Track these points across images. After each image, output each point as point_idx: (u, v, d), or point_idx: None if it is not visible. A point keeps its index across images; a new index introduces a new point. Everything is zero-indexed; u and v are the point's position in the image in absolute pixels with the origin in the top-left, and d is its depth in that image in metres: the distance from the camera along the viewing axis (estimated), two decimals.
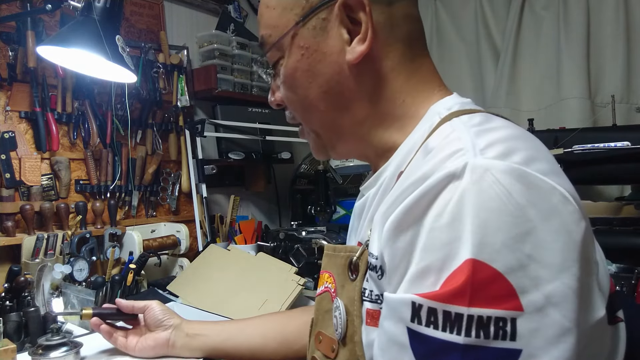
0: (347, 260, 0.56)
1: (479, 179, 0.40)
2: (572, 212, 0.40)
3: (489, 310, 0.38)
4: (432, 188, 0.41)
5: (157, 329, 0.90)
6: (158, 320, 0.90)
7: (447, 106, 0.54)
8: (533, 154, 0.43)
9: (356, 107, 0.58)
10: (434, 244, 0.40)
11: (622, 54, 1.79)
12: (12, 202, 1.35)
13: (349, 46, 0.54)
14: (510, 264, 0.38)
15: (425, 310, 0.40)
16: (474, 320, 0.38)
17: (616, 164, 1.31)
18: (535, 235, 0.39)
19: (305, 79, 0.57)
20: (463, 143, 0.44)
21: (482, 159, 0.41)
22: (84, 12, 1.09)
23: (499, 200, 0.39)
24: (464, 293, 0.38)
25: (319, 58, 0.56)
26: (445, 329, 0.39)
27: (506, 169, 0.40)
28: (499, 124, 0.48)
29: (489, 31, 2.09)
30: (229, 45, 1.94)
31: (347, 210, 2.14)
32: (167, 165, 1.80)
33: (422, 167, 0.45)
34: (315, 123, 0.61)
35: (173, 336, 0.89)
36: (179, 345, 0.89)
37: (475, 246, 0.38)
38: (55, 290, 1.26)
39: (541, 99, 1.93)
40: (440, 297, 0.39)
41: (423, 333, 0.40)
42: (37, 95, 1.42)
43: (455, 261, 0.39)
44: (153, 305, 0.92)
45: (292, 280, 1.38)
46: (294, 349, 0.88)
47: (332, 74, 0.56)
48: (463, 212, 0.39)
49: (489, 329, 0.38)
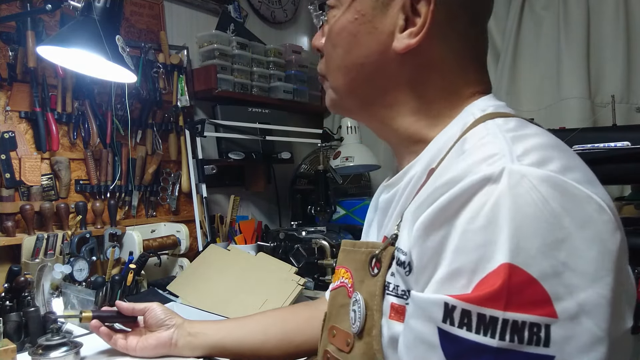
0: (368, 256, 0.56)
1: (516, 185, 0.40)
2: (607, 221, 0.40)
3: (524, 315, 0.38)
4: (467, 190, 0.42)
5: (159, 329, 0.90)
6: (160, 320, 0.90)
7: (482, 107, 0.54)
8: (569, 163, 0.43)
9: (388, 91, 0.57)
10: (467, 246, 0.40)
11: (622, 54, 1.79)
12: (12, 202, 1.35)
13: (400, 33, 0.54)
14: (545, 270, 0.38)
15: (459, 311, 0.40)
16: (508, 324, 0.38)
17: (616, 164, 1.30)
18: (570, 243, 0.39)
19: (349, 43, 0.57)
20: (499, 147, 0.44)
21: (519, 165, 0.41)
22: (84, 12, 1.09)
23: (535, 206, 0.39)
24: (500, 297, 0.38)
25: (369, 30, 0.56)
26: (479, 331, 0.39)
27: (543, 177, 0.41)
28: (533, 131, 0.48)
29: (489, 31, 2.08)
30: (229, 45, 1.94)
31: (347, 210, 2.14)
32: (167, 165, 1.80)
33: (455, 167, 0.45)
34: (341, 85, 0.61)
35: (175, 335, 0.89)
36: (181, 344, 0.89)
37: (512, 251, 0.38)
38: (55, 290, 1.26)
39: (541, 99, 1.93)
40: (475, 299, 0.39)
41: (455, 334, 0.40)
42: (37, 95, 1.42)
43: (489, 264, 0.39)
44: (154, 306, 0.92)
45: (292, 280, 1.38)
46: (294, 343, 0.88)
47: (375, 51, 0.56)
48: (499, 216, 0.40)
49: (523, 334, 0.38)
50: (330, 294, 0.64)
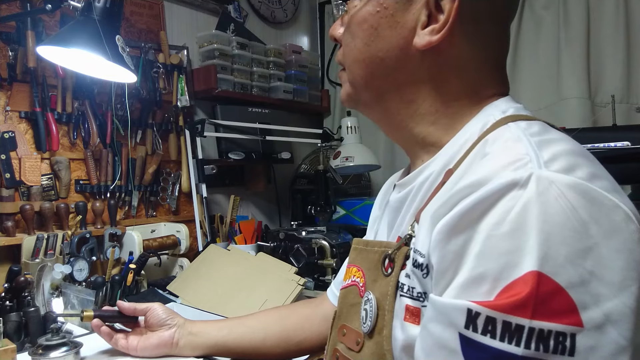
0: (381, 256, 0.55)
1: (544, 191, 0.40)
2: (634, 231, 0.40)
3: (550, 324, 0.37)
4: (492, 194, 0.41)
5: (161, 329, 0.90)
6: (162, 320, 0.90)
7: (502, 109, 0.53)
8: (595, 170, 0.43)
9: (407, 88, 0.56)
10: (492, 252, 0.40)
11: (622, 54, 1.79)
12: (12, 202, 1.35)
13: (421, 30, 0.53)
14: (572, 279, 0.38)
15: (483, 318, 0.39)
16: (534, 333, 0.37)
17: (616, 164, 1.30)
18: (597, 252, 0.38)
19: (369, 35, 0.56)
20: (525, 152, 0.43)
21: (547, 171, 0.41)
22: (84, 12, 1.09)
23: (564, 214, 0.39)
24: (527, 305, 0.38)
25: (391, 24, 0.54)
26: (503, 339, 0.38)
27: (571, 184, 0.40)
28: (558, 135, 0.48)
29: None
30: (229, 45, 1.94)
31: (347, 210, 2.14)
32: (167, 165, 1.80)
33: (478, 169, 0.45)
34: (358, 79, 0.59)
35: (177, 335, 0.89)
36: (182, 343, 0.89)
37: (540, 258, 0.38)
38: (55, 290, 1.26)
39: (541, 99, 1.93)
40: (501, 307, 0.38)
41: (478, 341, 0.39)
42: (37, 95, 1.42)
43: (515, 271, 0.39)
44: (155, 306, 0.92)
45: (292, 280, 1.38)
46: (294, 341, 0.88)
47: (395, 46, 0.55)
48: (527, 223, 0.39)
49: (548, 343, 0.37)
50: (341, 293, 0.64)
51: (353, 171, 2.21)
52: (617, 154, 1.28)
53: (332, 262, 1.63)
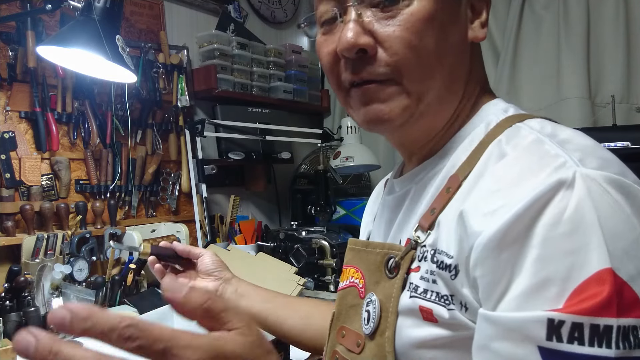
0: (384, 257, 0.54)
1: (591, 188, 0.40)
2: None
3: (630, 319, 0.37)
4: (540, 197, 0.40)
5: (208, 278, 0.87)
6: (210, 270, 0.87)
7: (502, 108, 0.53)
8: (620, 165, 0.44)
9: (457, 86, 0.55)
10: (554, 254, 0.39)
11: (622, 54, 1.79)
12: (12, 202, 1.35)
13: (471, 24, 0.54)
14: (631, 272, 0.38)
15: (569, 326, 0.37)
16: (621, 331, 0.37)
17: None
18: None
19: (439, 32, 0.51)
20: (555, 152, 0.44)
21: (586, 169, 0.41)
22: (84, 12, 1.09)
23: (612, 209, 0.39)
24: (612, 304, 0.37)
25: (452, 20, 0.53)
26: (592, 344, 0.37)
27: (609, 180, 0.41)
28: (570, 132, 0.48)
29: (489, 31, 2.08)
30: (229, 45, 1.94)
31: (347, 210, 2.14)
32: (167, 165, 1.80)
33: (508, 171, 0.44)
34: (432, 86, 0.52)
35: (221, 289, 0.86)
36: (226, 299, 0.85)
37: (607, 255, 0.38)
38: (55, 290, 1.26)
39: (541, 99, 1.93)
40: (586, 310, 0.37)
41: (565, 351, 0.37)
42: (37, 95, 1.42)
43: (585, 271, 0.38)
44: (206, 254, 0.89)
45: (292, 280, 1.38)
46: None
47: (458, 43, 0.54)
48: (585, 220, 0.39)
49: (630, 339, 0.37)
50: (339, 294, 0.63)
51: (353, 171, 2.21)
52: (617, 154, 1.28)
53: (332, 262, 1.63)
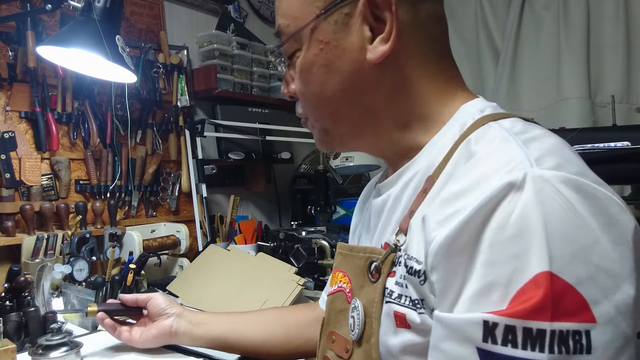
0: (367, 262, 0.54)
1: (540, 190, 0.39)
2: (628, 221, 0.40)
3: (568, 324, 0.37)
4: (490, 200, 0.40)
5: (160, 318, 0.89)
6: (161, 309, 0.89)
7: (479, 108, 0.53)
8: (581, 165, 0.43)
9: (375, 106, 0.56)
10: (499, 258, 0.39)
11: (622, 54, 1.79)
12: (12, 202, 1.35)
13: (370, 45, 0.52)
14: (580, 276, 0.38)
15: (502, 328, 0.38)
16: (555, 335, 0.37)
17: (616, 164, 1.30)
18: (600, 246, 0.38)
19: (323, 75, 0.55)
20: (515, 152, 0.43)
21: (539, 169, 0.40)
22: (84, 12, 1.09)
23: (563, 211, 0.39)
24: (546, 308, 0.37)
25: (339, 54, 0.54)
26: (526, 347, 0.37)
27: (564, 180, 0.40)
28: (540, 131, 0.48)
29: (489, 31, 2.09)
30: (229, 45, 1.94)
31: (347, 210, 2.14)
32: (167, 165, 1.80)
33: (469, 172, 0.44)
34: (328, 119, 0.58)
35: (175, 324, 0.88)
36: (182, 332, 0.88)
37: (548, 258, 0.38)
38: (55, 290, 1.26)
39: (541, 99, 1.93)
40: (519, 313, 0.37)
41: (499, 353, 0.38)
42: (37, 95, 1.42)
43: (525, 274, 0.38)
44: (156, 296, 0.91)
45: (292, 280, 1.38)
46: (295, 344, 0.87)
47: (352, 71, 0.54)
48: (529, 224, 0.38)
49: (568, 344, 0.37)
50: (328, 299, 0.63)
51: (353, 171, 2.21)
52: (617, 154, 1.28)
53: (332, 262, 1.63)
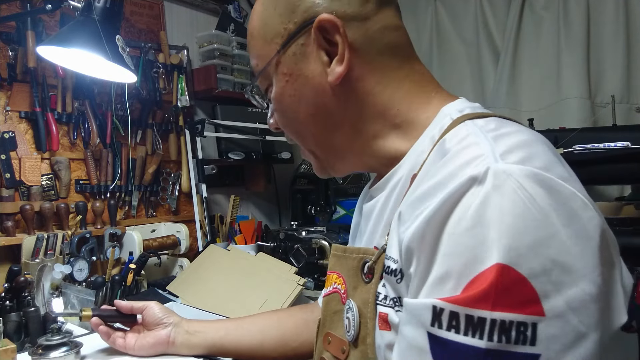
0: (360, 263, 0.55)
1: (501, 184, 0.40)
2: (591, 217, 0.41)
3: (511, 314, 0.38)
4: (453, 194, 0.41)
5: (157, 327, 0.90)
6: (158, 319, 0.90)
7: (459, 109, 0.54)
8: (552, 159, 0.43)
9: (347, 125, 0.58)
10: (456, 250, 0.40)
11: (622, 54, 1.79)
12: (12, 202, 1.35)
13: (329, 68, 0.55)
14: (534, 269, 0.38)
15: (447, 314, 0.39)
16: (496, 324, 0.38)
17: (616, 164, 1.30)
18: (558, 240, 0.39)
19: (293, 103, 0.59)
20: (482, 148, 0.44)
21: (504, 164, 0.41)
22: (84, 12, 1.09)
23: (523, 205, 0.39)
24: (488, 297, 0.38)
25: (303, 82, 0.57)
26: (467, 333, 0.38)
27: (528, 174, 0.40)
28: (514, 128, 0.48)
29: (489, 31, 2.08)
30: (229, 45, 1.94)
31: (347, 210, 2.13)
32: (167, 165, 1.80)
33: (439, 170, 0.45)
34: (310, 144, 0.62)
35: (173, 333, 0.89)
36: (179, 342, 0.89)
37: (501, 251, 0.38)
38: (55, 290, 1.26)
39: (541, 99, 1.93)
40: (462, 301, 0.39)
41: (444, 337, 0.40)
42: (37, 95, 1.42)
43: (478, 266, 0.39)
44: (152, 304, 0.92)
45: (292, 280, 1.38)
46: (291, 346, 0.88)
47: (316, 96, 0.57)
48: (486, 217, 0.39)
49: (510, 334, 0.38)
50: (324, 300, 0.64)
51: None
52: (617, 154, 1.28)
53: None
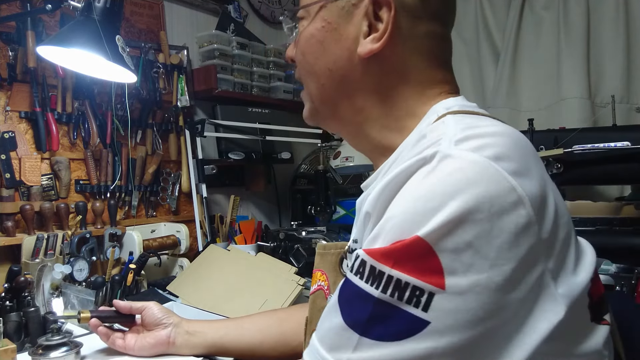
0: (337, 257, 0.58)
1: (442, 166, 0.43)
2: (522, 215, 0.42)
3: (408, 277, 0.41)
4: (407, 168, 0.45)
5: (157, 328, 0.90)
6: (157, 319, 0.90)
7: (447, 106, 0.55)
8: (507, 152, 0.44)
9: (357, 97, 0.59)
10: (395, 217, 0.44)
11: (622, 54, 1.79)
12: (12, 202, 1.35)
13: (363, 39, 0.56)
14: (446, 246, 0.41)
15: (359, 261, 0.44)
16: (392, 280, 0.42)
17: (616, 164, 1.30)
18: (480, 226, 0.41)
19: (316, 50, 0.59)
20: (445, 135, 0.46)
21: (454, 148, 0.44)
22: (84, 12, 1.09)
23: (456, 186, 0.41)
24: (391, 256, 0.42)
25: (335, 37, 0.58)
26: (367, 281, 0.43)
27: (473, 160, 0.42)
28: (489, 123, 0.50)
29: (489, 31, 2.08)
30: (229, 45, 1.94)
31: (347, 210, 2.13)
32: (167, 165, 1.80)
33: (407, 157, 0.48)
34: (313, 93, 0.63)
35: (173, 334, 0.89)
36: (179, 342, 0.89)
37: (426, 225, 0.41)
38: (55, 290, 1.26)
39: (541, 99, 1.93)
40: (370, 253, 0.44)
41: (350, 279, 0.45)
42: (37, 95, 1.42)
43: (404, 235, 0.42)
44: (151, 305, 0.92)
45: (292, 280, 1.38)
46: (291, 345, 0.88)
47: (341, 57, 0.58)
48: (423, 192, 0.43)
49: (404, 293, 0.41)
50: (310, 298, 0.65)
51: (353, 171, 2.20)
52: (617, 154, 1.28)
53: None
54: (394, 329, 0.41)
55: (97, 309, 0.95)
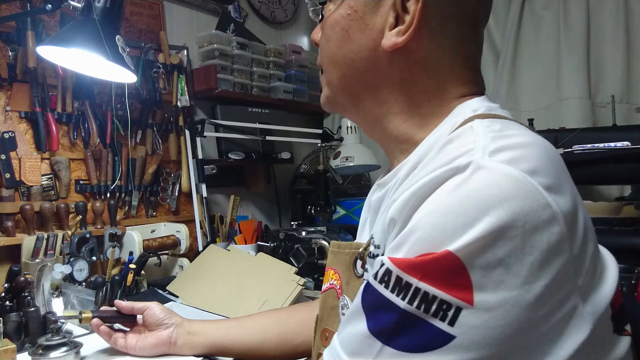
0: (352, 257, 0.57)
1: (476, 177, 0.41)
2: (555, 232, 0.41)
3: (437, 290, 0.40)
4: (438, 177, 0.43)
5: (158, 328, 0.90)
6: (159, 319, 0.90)
7: (474, 107, 0.54)
8: (542, 166, 0.43)
9: (379, 88, 0.58)
10: (422, 226, 0.42)
11: (622, 54, 1.79)
12: (12, 202, 1.35)
13: (389, 31, 0.54)
14: (478, 263, 0.40)
15: (384, 270, 0.43)
16: (419, 293, 0.41)
17: (616, 164, 1.30)
18: (513, 243, 0.39)
19: (341, 38, 0.58)
20: (476, 144, 0.45)
21: (488, 160, 0.42)
22: (84, 12, 1.09)
23: (490, 201, 0.40)
24: (419, 269, 0.41)
25: (360, 26, 0.56)
26: (393, 291, 0.42)
27: (509, 174, 0.41)
28: (519, 131, 0.48)
29: (489, 31, 2.08)
30: (229, 45, 1.94)
31: (347, 210, 2.13)
32: (167, 165, 1.80)
33: (433, 162, 0.47)
34: (334, 82, 0.61)
35: (175, 334, 0.89)
36: (180, 342, 0.89)
37: (456, 239, 0.40)
38: (55, 290, 1.26)
39: (541, 99, 1.93)
40: (398, 263, 0.42)
41: (374, 287, 0.44)
42: (37, 95, 1.42)
43: (434, 249, 0.41)
44: (152, 305, 0.92)
45: (292, 280, 1.38)
46: (292, 344, 0.88)
47: (365, 47, 0.56)
48: (452, 206, 0.41)
49: (430, 306, 0.40)
50: (321, 297, 0.65)
51: (353, 171, 2.21)
52: (617, 154, 1.28)
53: None
54: (418, 341, 0.41)
55: (98, 309, 0.95)
